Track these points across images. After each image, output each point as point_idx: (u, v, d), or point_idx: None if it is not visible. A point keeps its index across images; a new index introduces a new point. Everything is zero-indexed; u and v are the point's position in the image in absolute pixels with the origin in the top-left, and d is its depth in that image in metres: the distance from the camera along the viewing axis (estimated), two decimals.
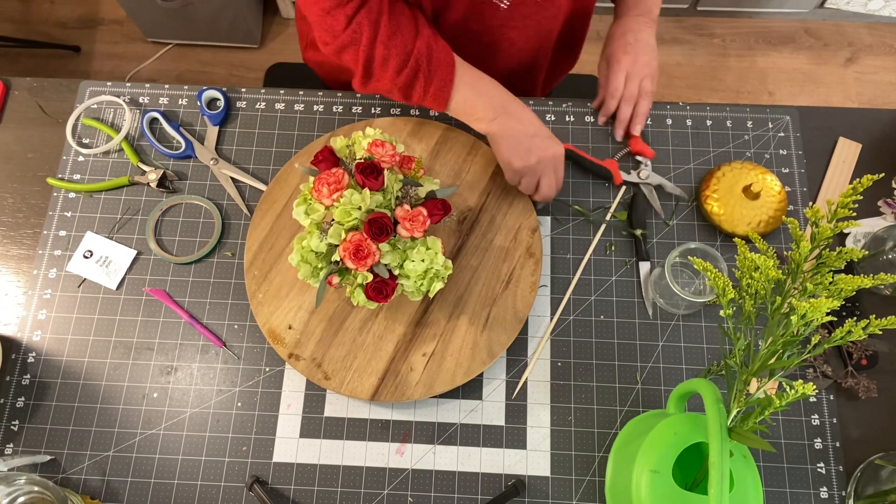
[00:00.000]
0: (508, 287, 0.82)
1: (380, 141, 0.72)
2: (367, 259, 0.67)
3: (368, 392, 0.78)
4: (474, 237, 0.84)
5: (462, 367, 0.79)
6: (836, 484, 0.77)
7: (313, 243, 0.68)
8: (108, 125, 0.92)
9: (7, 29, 2.06)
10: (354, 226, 0.68)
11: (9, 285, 0.85)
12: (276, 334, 0.80)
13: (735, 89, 1.98)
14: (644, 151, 0.89)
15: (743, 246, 0.64)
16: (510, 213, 0.86)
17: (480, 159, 0.88)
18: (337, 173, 0.69)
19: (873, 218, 0.88)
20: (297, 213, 0.71)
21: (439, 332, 0.80)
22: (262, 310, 0.81)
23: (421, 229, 0.70)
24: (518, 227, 0.85)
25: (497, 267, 0.83)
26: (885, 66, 2.00)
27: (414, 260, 0.71)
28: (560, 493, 0.77)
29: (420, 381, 0.78)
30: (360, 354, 0.79)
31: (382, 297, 0.70)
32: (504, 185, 0.87)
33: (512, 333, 0.80)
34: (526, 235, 0.84)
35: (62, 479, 0.78)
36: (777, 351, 0.61)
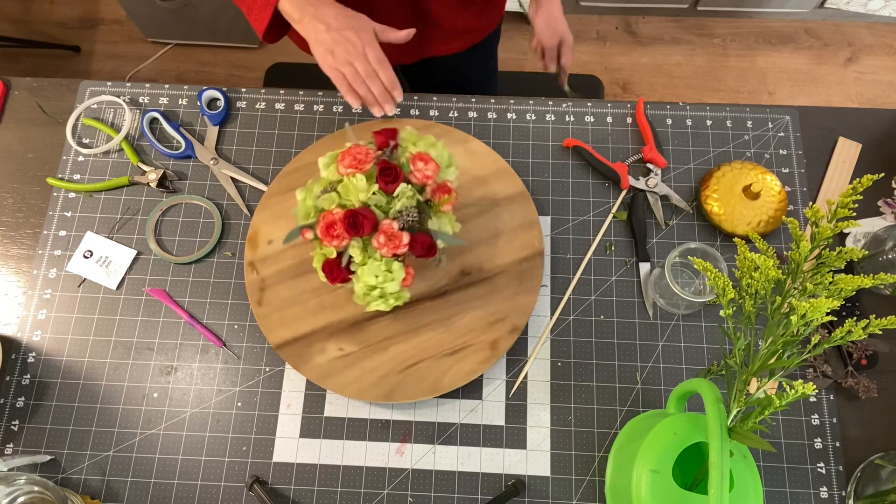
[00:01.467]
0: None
1: (426, 155, 0.72)
2: (334, 240, 0.69)
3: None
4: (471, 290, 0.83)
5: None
6: (836, 484, 0.77)
7: (311, 196, 0.72)
8: (108, 125, 0.92)
9: (7, 29, 2.06)
10: (345, 206, 0.70)
11: (9, 285, 0.85)
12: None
13: (735, 89, 1.98)
14: (656, 160, 0.89)
15: (743, 246, 0.64)
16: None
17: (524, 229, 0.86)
18: (367, 154, 0.70)
19: (873, 218, 0.88)
20: (322, 161, 0.73)
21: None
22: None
23: (391, 252, 0.70)
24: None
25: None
26: (885, 66, 2.00)
27: (368, 271, 0.70)
28: (560, 493, 0.77)
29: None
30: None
31: (330, 277, 0.72)
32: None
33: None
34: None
35: (62, 479, 0.78)
36: (777, 351, 0.61)
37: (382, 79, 0.80)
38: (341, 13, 0.79)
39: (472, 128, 0.93)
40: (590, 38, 2.06)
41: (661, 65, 2.02)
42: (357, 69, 0.79)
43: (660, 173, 0.89)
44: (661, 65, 2.02)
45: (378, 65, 0.79)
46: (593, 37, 2.06)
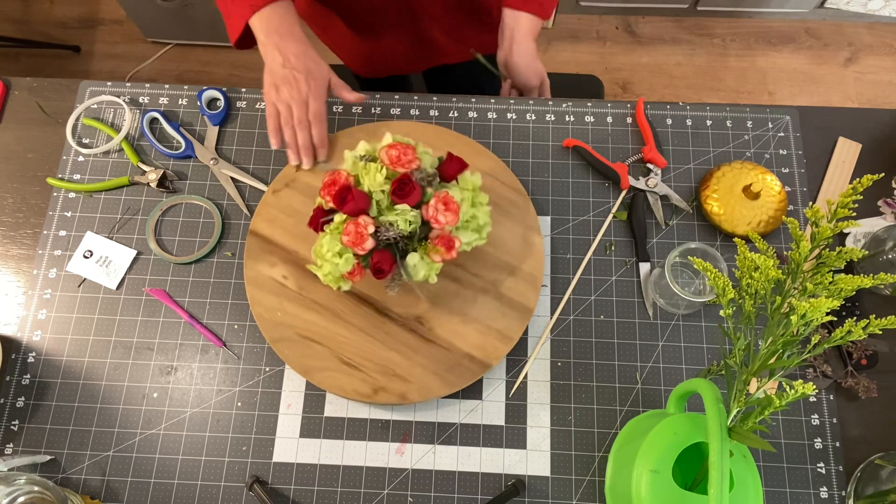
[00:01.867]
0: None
1: (454, 204, 0.70)
2: (326, 195, 0.71)
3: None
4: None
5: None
6: (836, 484, 0.77)
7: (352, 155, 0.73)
8: (108, 125, 0.92)
9: (7, 29, 2.06)
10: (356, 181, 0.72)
11: (9, 285, 0.85)
12: None
13: (735, 89, 1.98)
14: (656, 160, 0.89)
15: (743, 246, 0.64)
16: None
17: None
18: (409, 160, 0.71)
19: (873, 218, 0.88)
20: (381, 141, 0.73)
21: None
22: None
23: (349, 243, 0.70)
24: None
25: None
26: (885, 66, 2.00)
27: (328, 242, 0.71)
28: (560, 493, 0.77)
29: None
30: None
31: (310, 221, 0.73)
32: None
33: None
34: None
35: (62, 479, 0.78)
36: (777, 351, 0.61)
37: (314, 133, 0.81)
38: (304, 53, 0.79)
39: (471, 128, 0.93)
40: (590, 38, 2.06)
41: (661, 65, 2.02)
42: (293, 113, 0.80)
43: (660, 173, 0.89)
44: (661, 65, 2.02)
45: (315, 118, 0.80)
46: (593, 37, 2.06)
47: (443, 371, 0.78)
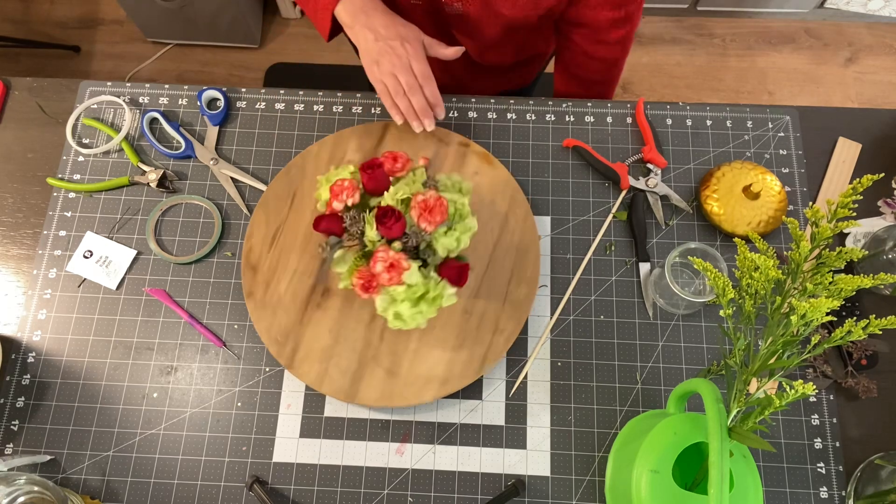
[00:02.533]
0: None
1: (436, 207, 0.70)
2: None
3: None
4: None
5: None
6: (836, 484, 0.77)
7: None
8: (108, 125, 0.92)
9: (7, 29, 2.06)
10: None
11: (9, 285, 0.85)
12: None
13: (735, 89, 1.98)
14: (656, 160, 0.89)
15: (743, 246, 0.64)
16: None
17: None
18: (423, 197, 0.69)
19: (873, 218, 0.88)
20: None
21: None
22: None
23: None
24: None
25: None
26: (885, 66, 2.00)
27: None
28: (560, 493, 0.77)
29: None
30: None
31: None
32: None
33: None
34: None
35: (62, 479, 0.78)
36: (777, 351, 0.61)
37: (426, 93, 0.79)
38: (392, 22, 0.78)
39: (471, 128, 0.93)
40: None
41: (661, 65, 2.02)
42: (400, 81, 0.78)
43: (660, 173, 0.89)
44: (661, 65, 2.02)
45: (423, 79, 0.78)
46: None
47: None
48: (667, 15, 2.06)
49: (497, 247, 0.84)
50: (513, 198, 0.86)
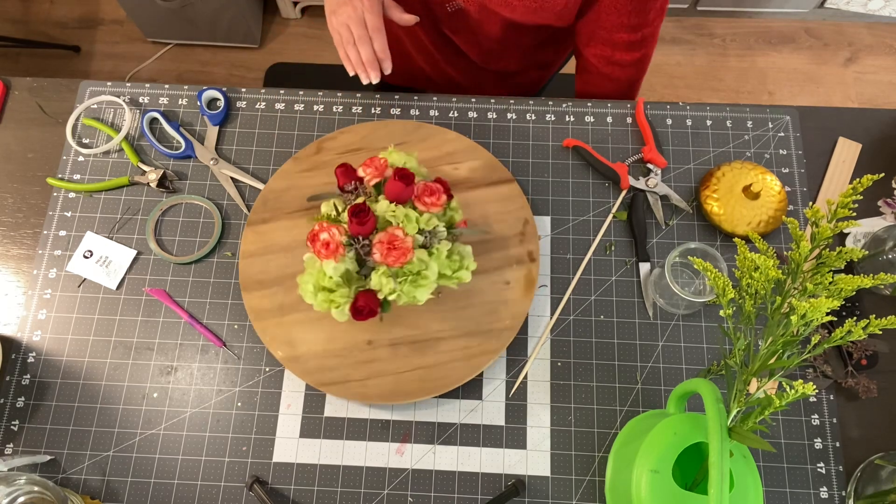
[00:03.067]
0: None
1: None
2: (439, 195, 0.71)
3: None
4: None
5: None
6: (836, 484, 0.77)
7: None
8: (108, 125, 0.92)
9: (7, 29, 2.06)
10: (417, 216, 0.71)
11: (9, 285, 0.85)
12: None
13: (735, 89, 1.98)
14: (656, 160, 0.89)
15: (743, 246, 0.64)
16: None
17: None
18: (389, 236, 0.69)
19: (873, 218, 0.88)
20: (424, 292, 0.69)
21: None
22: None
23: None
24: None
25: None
26: (885, 66, 2.00)
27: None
28: (560, 493, 0.77)
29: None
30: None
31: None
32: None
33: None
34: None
35: (62, 479, 0.78)
36: (777, 351, 0.61)
37: (375, 46, 0.81)
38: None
39: (471, 128, 0.93)
40: None
41: (661, 65, 2.02)
42: (352, 32, 0.80)
43: (660, 173, 0.89)
44: (661, 65, 2.02)
45: (373, 31, 0.81)
46: None
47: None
48: (667, 15, 2.06)
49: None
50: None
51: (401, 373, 0.79)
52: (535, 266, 0.82)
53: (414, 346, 0.80)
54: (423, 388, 0.78)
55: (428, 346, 0.80)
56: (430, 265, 0.68)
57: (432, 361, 0.79)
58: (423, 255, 0.68)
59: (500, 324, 0.80)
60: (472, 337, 0.80)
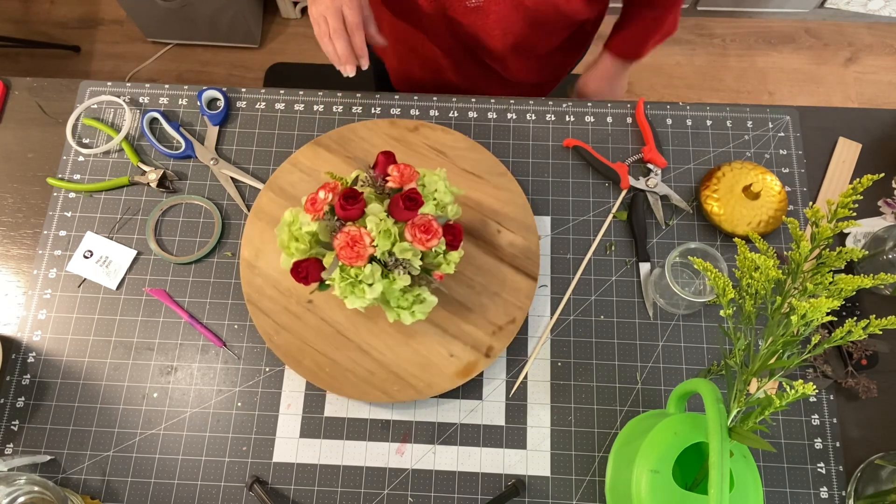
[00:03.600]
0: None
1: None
2: (432, 225, 0.69)
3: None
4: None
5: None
6: (836, 484, 0.77)
7: (400, 282, 0.69)
8: (108, 125, 0.92)
9: (7, 29, 2.06)
10: (397, 233, 0.69)
11: (9, 285, 0.85)
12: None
13: (735, 89, 1.98)
14: (656, 160, 0.89)
15: (743, 246, 0.64)
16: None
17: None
18: (349, 235, 0.67)
19: (873, 218, 0.88)
20: (360, 301, 0.69)
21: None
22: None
23: (414, 175, 0.71)
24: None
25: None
26: (885, 66, 2.00)
27: (436, 188, 0.72)
28: (560, 493, 0.77)
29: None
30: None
31: (458, 234, 0.71)
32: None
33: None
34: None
35: (62, 479, 0.78)
36: (777, 351, 0.61)
37: (354, 42, 0.81)
38: None
39: (472, 128, 0.93)
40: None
41: (661, 65, 2.02)
42: (329, 25, 0.81)
43: (660, 173, 0.89)
44: (661, 65, 2.02)
45: (352, 28, 0.81)
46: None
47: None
48: None
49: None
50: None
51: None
52: (486, 362, 0.79)
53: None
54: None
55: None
56: (375, 285, 0.68)
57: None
58: (374, 271, 0.67)
59: (410, 389, 0.79)
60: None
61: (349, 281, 0.68)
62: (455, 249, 0.72)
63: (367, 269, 0.67)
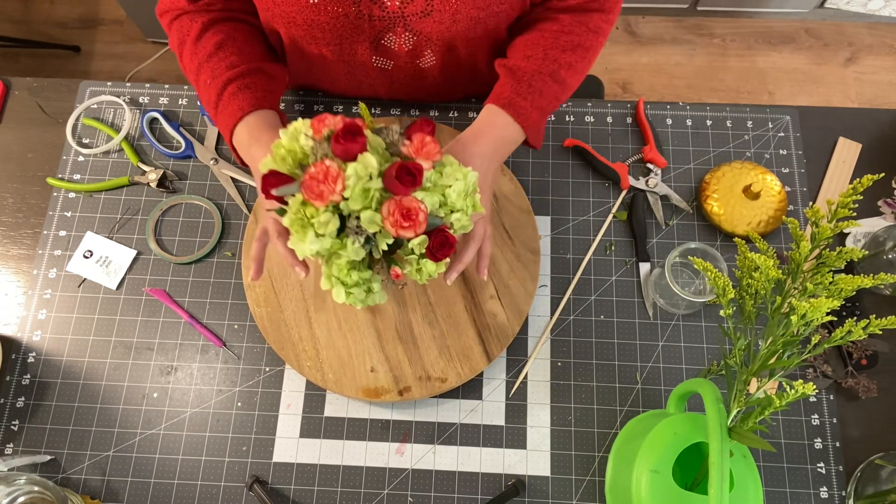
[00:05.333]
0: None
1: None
2: (418, 215, 0.57)
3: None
4: None
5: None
6: (836, 484, 0.77)
7: (351, 253, 0.58)
8: (108, 125, 0.92)
9: (7, 29, 2.06)
10: (377, 200, 0.58)
11: (9, 285, 0.85)
12: None
13: (735, 89, 1.98)
14: (656, 160, 0.89)
15: (743, 246, 0.64)
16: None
17: None
18: (326, 168, 0.57)
19: (873, 218, 0.88)
20: (301, 245, 0.59)
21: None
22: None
23: (434, 153, 0.59)
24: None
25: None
26: (885, 66, 2.00)
27: (451, 184, 0.60)
28: (560, 493, 0.77)
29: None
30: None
31: (449, 247, 0.60)
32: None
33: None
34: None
35: (62, 479, 0.78)
36: (777, 351, 0.61)
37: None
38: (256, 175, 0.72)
39: None
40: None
41: (661, 65, 2.02)
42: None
43: (660, 173, 0.89)
44: (661, 65, 2.02)
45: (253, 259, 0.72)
46: None
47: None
48: (667, 15, 2.06)
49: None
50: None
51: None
52: (485, 362, 0.78)
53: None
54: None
55: None
56: (324, 239, 0.58)
57: None
58: (331, 223, 0.57)
59: None
60: None
61: (300, 217, 0.58)
62: (435, 260, 0.61)
63: (325, 216, 0.57)
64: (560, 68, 0.75)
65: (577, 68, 0.77)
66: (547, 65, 0.75)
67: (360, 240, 0.58)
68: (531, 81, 0.74)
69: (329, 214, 0.57)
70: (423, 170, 0.59)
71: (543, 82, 0.75)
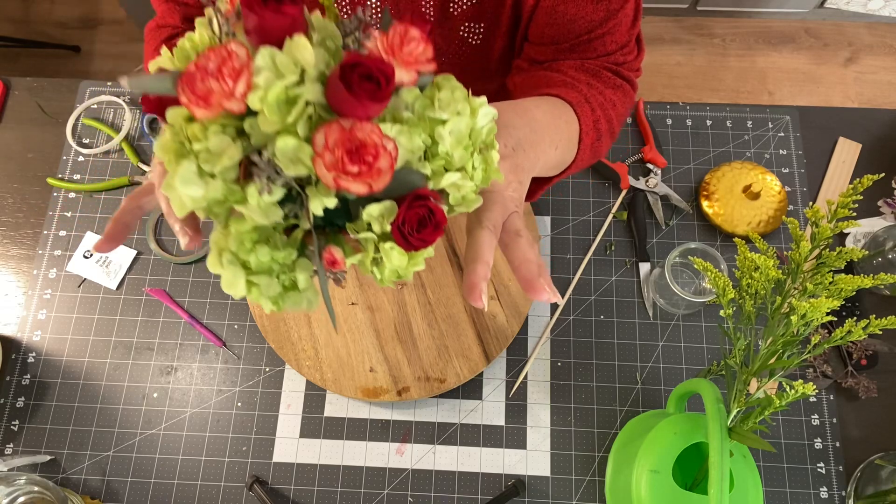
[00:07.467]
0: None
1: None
2: (378, 156, 0.31)
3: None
4: None
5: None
6: (836, 484, 0.77)
7: (256, 211, 0.32)
8: (109, 125, 0.92)
9: (7, 29, 2.06)
10: (311, 122, 0.32)
11: (9, 285, 0.85)
12: None
13: (735, 89, 1.98)
14: (656, 160, 0.89)
15: (743, 246, 0.64)
16: None
17: None
18: (226, 53, 0.30)
19: (873, 218, 0.88)
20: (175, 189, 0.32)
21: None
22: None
23: (423, 59, 0.34)
24: None
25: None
26: (885, 66, 2.00)
27: (446, 118, 0.35)
28: (560, 493, 0.77)
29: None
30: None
31: (434, 227, 0.34)
32: None
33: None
34: None
35: (62, 479, 0.78)
36: (777, 351, 0.61)
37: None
38: None
39: None
40: None
41: (661, 65, 2.02)
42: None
43: (660, 173, 0.89)
44: (661, 65, 2.02)
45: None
46: None
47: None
48: (667, 15, 2.06)
49: None
50: None
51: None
52: (485, 363, 0.77)
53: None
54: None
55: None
56: (210, 183, 0.32)
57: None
58: (222, 148, 0.31)
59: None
60: None
61: (178, 137, 0.33)
62: (407, 249, 0.34)
63: (214, 138, 0.31)
64: (607, 102, 0.58)
65: (619, 110, 0.61)
66: (594, 94, 0.58)
67: (275, 189, 0.32)
68: (588, 97, 0.56)
69: (223, 136, 0.31)
70: (396, 79, 0.33)
71: (603, 109, 0.57)
